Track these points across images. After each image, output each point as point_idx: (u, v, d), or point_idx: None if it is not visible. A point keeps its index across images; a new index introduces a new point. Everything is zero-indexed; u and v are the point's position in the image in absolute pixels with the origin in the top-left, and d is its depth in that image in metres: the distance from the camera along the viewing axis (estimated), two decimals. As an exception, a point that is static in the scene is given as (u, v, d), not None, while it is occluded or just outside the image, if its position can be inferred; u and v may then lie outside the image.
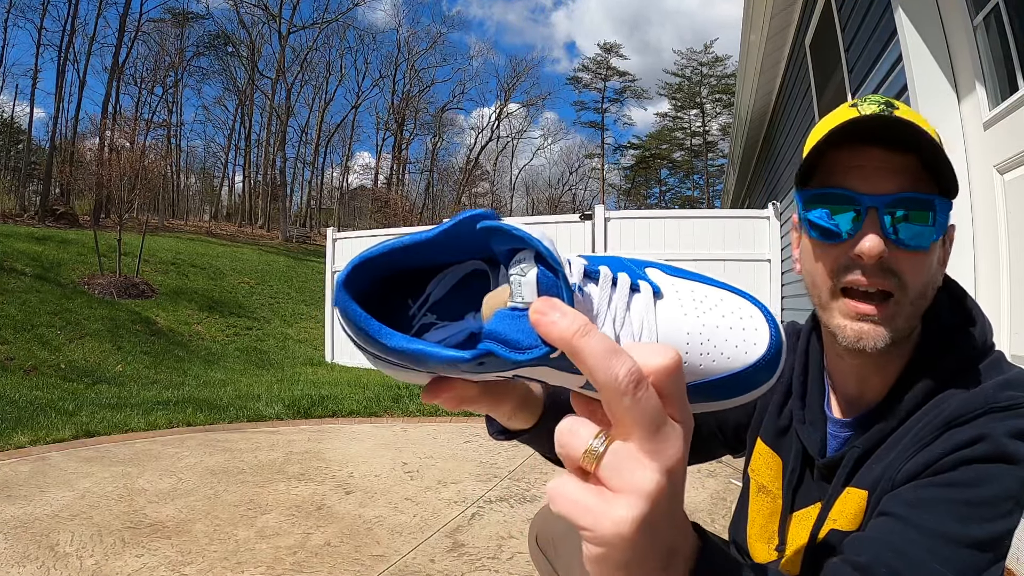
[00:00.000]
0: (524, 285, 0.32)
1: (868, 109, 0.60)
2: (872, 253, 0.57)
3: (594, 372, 0.28)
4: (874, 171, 0.58)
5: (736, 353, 0.36)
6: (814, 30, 3.92)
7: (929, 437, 0.56)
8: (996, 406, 0.55)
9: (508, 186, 41.69)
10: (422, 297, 0.39)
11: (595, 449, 0.29)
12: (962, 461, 0.53)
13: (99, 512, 2.30)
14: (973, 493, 0.51)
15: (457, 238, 0.35)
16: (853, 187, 0.58)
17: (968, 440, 0.54)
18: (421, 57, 36.44)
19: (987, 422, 0.54)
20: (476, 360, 0.32)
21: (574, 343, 0.28)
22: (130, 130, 15.50)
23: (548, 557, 0.90)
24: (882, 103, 0.60)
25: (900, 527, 0.51)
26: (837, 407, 0.70)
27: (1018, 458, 0.52)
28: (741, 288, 0.38)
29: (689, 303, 0.36)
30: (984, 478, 0.52)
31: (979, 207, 1.97)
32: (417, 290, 0.39)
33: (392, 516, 2.34)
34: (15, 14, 24.26)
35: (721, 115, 36.55)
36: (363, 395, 4.76)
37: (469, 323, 0.38)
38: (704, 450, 0.86)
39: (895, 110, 0.59)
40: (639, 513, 0.28)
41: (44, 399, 4.44)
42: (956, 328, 0.63)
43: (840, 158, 0.60)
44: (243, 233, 24.42)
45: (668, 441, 0.29)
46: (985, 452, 0.53)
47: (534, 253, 0.32)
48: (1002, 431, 0.53)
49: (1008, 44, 1.83)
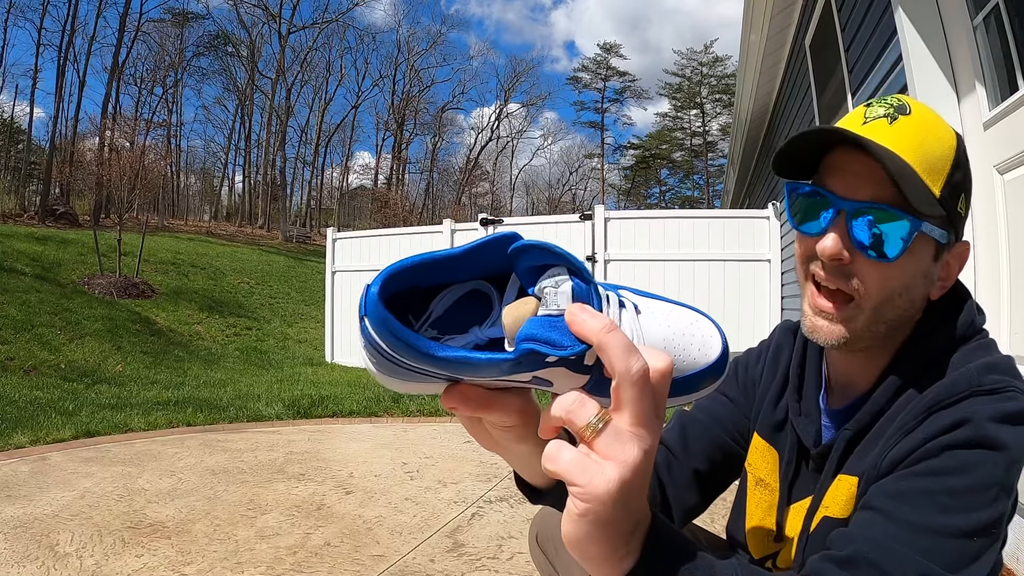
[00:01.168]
0: (559, 295, 0.37)
1: (875, 112, 0.60)
2: (826, 252, 0.59)
3: (613, 362, 0.34)
4: (853, 176, 0.59)
5: (699, 355, 0.44)
6: (814, 30, 3.92)
7: (913, 422, 0.56)
8: (980, 389, 0.54)
9: (508, 186, 41.75)
10: (426, 314, 0.42)
11: (595, 424, 0.35)
12: (944, 447, 0.52)
13: (99, 512, 2.30)
14: (956, 481, 0.51)
15: (480, 257, 0.40)
16: (831, 187, 0.60)
17: (951, 424, 0.53)
18: (421, 57, 36.51)
19: (970, 405, 0.53)
20: (516, 360, 0.36)
21: (602, 338, 0.34)
22: (130, 130, 15.51)
23: (548, 557, 0.90)
24: (892, 107, 0.60)
25: (882, 520, 0.51)
26: (832, 398, 0.71)
27: (1001, 443, 0.51)
28: (690, 304, 0.47)
29: (660, 316, 0.44)
30: (967, 465, 0.51)
31: (979, 207, 1.97)
32: (417, 307, 0.42)
33: (392, 516, 2.34)
34: (15, 14, 24.31)
35: (721, 115, 36.57)
36: (363, 395, 4.76)
37: (475, 334, 0.42)
38: (736, 467, 0.83)
39: (905, 115, 0.59)
40: (625, 477, 0.34)
41: (44, 399, 4.44)
42: (944, 314, 0.63)
43: (831, 158, 0.62)
44: (243, 233, 24.43)
45: (651, 428, 0.35)
46: (968, 437, 0.52)
47: (566, 268, 0.38)
48: (985, 415, 0.52)
49: (1008, 44, 1.83)
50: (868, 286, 0.59)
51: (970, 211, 0.64)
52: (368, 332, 0.37)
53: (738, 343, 3.14)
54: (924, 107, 0.61)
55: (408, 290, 0.40)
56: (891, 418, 0.60)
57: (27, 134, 26.98)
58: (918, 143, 0.58)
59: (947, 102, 2.07)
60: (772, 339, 0.83)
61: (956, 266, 0.64)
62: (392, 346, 0.37)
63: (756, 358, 0.84)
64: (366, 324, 0.37)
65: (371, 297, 0.36)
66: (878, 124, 0.59)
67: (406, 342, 0.36)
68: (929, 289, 0.62)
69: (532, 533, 0.93)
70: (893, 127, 0.58)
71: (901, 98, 0.61)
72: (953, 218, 0.60)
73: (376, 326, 0.36)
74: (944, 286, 0.63)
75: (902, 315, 0.62)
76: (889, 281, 0.59)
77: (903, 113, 0.59)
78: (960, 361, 0.59)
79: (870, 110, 0.61)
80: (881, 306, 0.60)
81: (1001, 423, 0.52)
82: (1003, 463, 0.51)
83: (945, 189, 0.58)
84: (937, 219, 0.58)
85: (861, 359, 0.66)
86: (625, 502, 0.35)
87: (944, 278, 0.63)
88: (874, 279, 0.59)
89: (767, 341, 0.84)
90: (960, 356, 0.60)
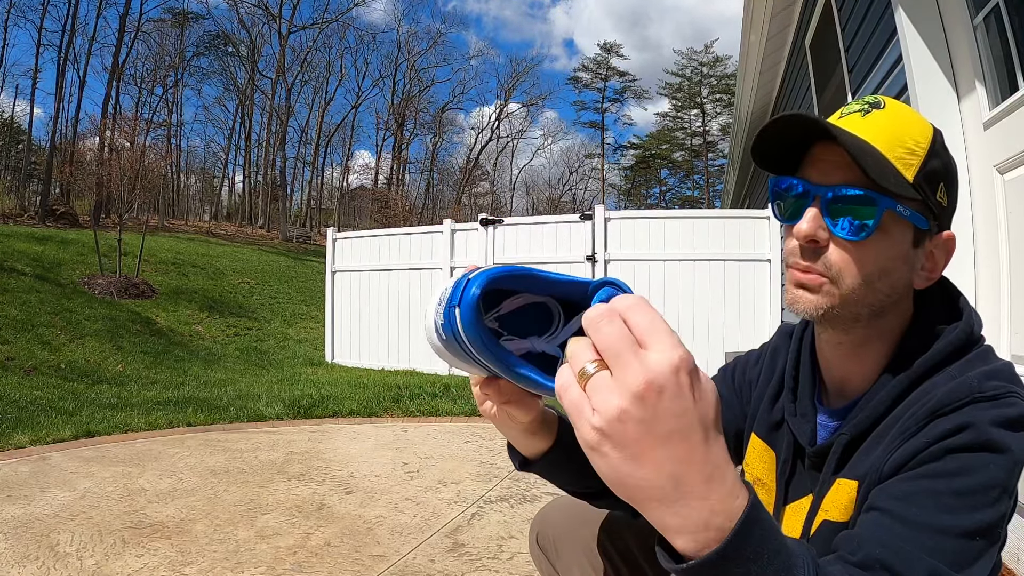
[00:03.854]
0: None
1: (850, 109, 0.64)
2: (801, 233, 0.62)
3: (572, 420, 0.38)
4: (828, 164, 0.62)
5: None
6: (814, 30, 3.92)
7: (914, 428, 0.57)
8: (981, 396, 0.55)
9: (508, 186, 41.73)
10: (496, 309, 0.47)
11: (588, 371, 0.36)
12: (947, 450, 0.53)
13: (99, 512, 2.30)
14: (959, 483, 0.51)
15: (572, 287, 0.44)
16: (808, 178, 0.63)
17: (953, 429, 0.54)
18: (421, 57, 36.49)
19: (972, 411, 0.54)
20: None
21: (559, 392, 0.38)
22: (130, 130, 15.47)
23: (548, 557, 0.90)
24: (867, 103, 0.64)
25: (888, 521, 0.52)
26: (827, 398, 0.72)
27: (1003, 446, 0.52)
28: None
29: None
30: (969, 467, 0.52)
31: (979, 207, 1.97)
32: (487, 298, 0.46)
33: (392, 516, 2.34)
34: (15, 14, 24.31)
35: (721, 115, 36.56)
36: (363, 395, 4.76)
37: (533, 343, 0.47)
38: None
39: (879, 109, 0.62)
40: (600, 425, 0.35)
41: (44, 399, 4.44)
42: (942, 321, 0.64)
43: (810, 153, 0.65)
44: (243, 233, 24.43)
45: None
46: (970, 441, 0.53)
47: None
48: (987, 420, 0.53)
49: (1008, 44, 1.83)
50: (842, 266, 0.61)
51: (957, 205, 0.65)
52: (454, 323, 0.42)
53: (738, 343, 3.16)
54: (900, 104, 0.64)
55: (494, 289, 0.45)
56: (891, 424, 0.61)
57: (27, 134, 26.98)
58: (890, 132, 0.61)
59: (947, 102, 2.07)
60: (771, 342, 0.84)
61: (942, 257, 0.65)
62: (476, 347, 0.42)
63: (755, 360, 0.85)
64: (455, 314, 0.41)
65: (470, 298, 0.41)
66: (851, 118, 0.63)
67: (492, 351, 0.42)
68: (911, 277, 0.64)
69: (532, 533, 0.93)
70: (865, 119, 0.62)
71: (879, 97, 0.64)
72: (931, 205, 0.61)
73: (467, 325, 0.41)
74: (930, 277, 0.65)
75: (884, 300, 0.63)
76: (864, 262, 0.61)
77: (877, 108, 0.63)
78: (960, 370, 0.60)
79: (847, 108, 0.65)
80: (859, 287, 0.61)
81: (1003, 428, 0.53)
82: (1005, 465, 0.52)
83: (920, 175, 0.60)
84: (911, 202, 0.60)
85: (852, 354, 0.66)
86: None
87: (929, 268, 0.64)
88: (848, 260, 0.61)
89: (767, 344, 0.85)
90: (960, 366, 0.60)
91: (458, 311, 0.41)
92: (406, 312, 6.89)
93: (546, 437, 0.65)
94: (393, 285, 7.03)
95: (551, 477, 0.71)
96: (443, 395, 4.86)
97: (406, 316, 6.89)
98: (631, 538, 0.85)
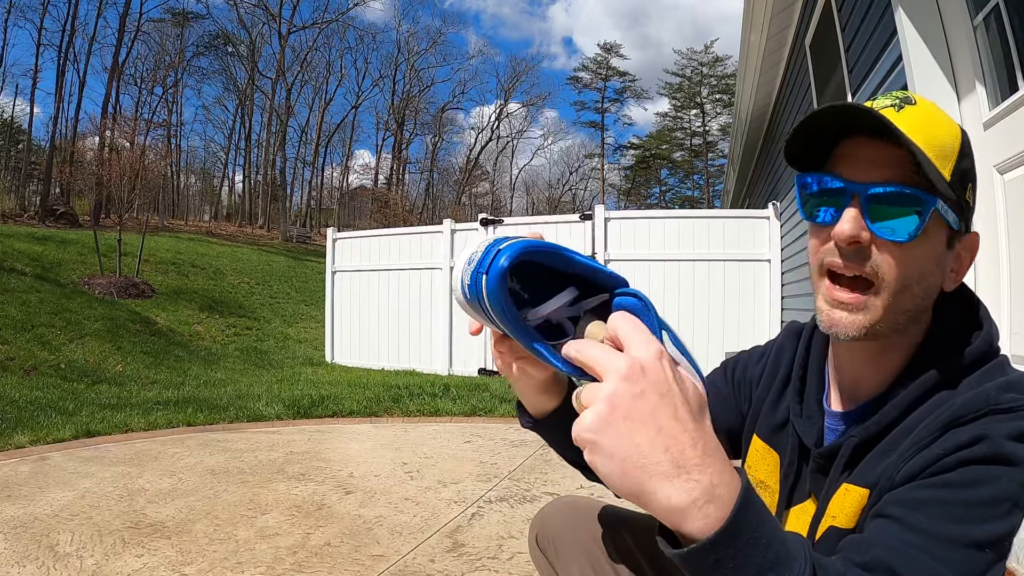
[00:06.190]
0: None
1: (882, 103, 0.61)
2: (843, 235, 0.58)
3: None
4: (864, 161, 0.59)
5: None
6: (814, 30, 3.92)
7: (929, 438, 0.56)
8: (997, 408, 0.54)
9: (508, 186, 41.74)
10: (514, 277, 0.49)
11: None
12: (961, 462, 0.53)
13: (99, 512, 2.30)
14: (971, 494, 0.51)
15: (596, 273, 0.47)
16: (842, 174, 0.60)
17: (968, 441, 0.53)
18: (421, 57, 36.48)
19: (987, 423, 0.54)
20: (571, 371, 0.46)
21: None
22: (130, 130, 15.49)
23: (548, 557, 0.90)
24: (898, 98, 0.61)
25: (898, 528, 0.51)
26: (836, 401, 0.71)
27: (1017, 460, 0.52)
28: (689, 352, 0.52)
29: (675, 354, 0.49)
30: (982, 479, 0.52)
31: (979, 207, 1.97)
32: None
33: (392, 516, 2.34)
34: (15, 14, 24.29)
35: (721, 115, 36.55)
36: (363, 395, 4.76)
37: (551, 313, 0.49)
38: None
39: (911, 105, 0.60)
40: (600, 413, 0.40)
41: (44, 399, 4.44)
42: (962, 330, 0.63)
43: (840, 148, 0.62)
44: (243, 233, 24.43)
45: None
46: (984, 453, 0.52)
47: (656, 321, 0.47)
48: (1002, 433, 0.53)
49: (1008, 44, 1.83)
50: (886, 268, 0.59)
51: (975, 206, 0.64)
52: (479, 287, 0.44)
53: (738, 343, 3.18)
54: (929, 101, 0.62)
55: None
56: (904, 432, 0.60)
57: (27, 134, 26.99)
58: (927, 129, 0.58)
59: (947, 102, 2.07)
60: (776, 340, 0.82)
61: (967, 257, 0.64)
62: (497, 314, 0.44)
63: (757, 358, 0.83)
64: (481, 280, 0.44)
65: (498, 269, 0.43)
66: (886, 112, 0.59)
67: (512, 322, 0.45)
68: (942, 280, 0.62)
69: (532, 533, 0.93)
70: (901, 114, 0.59)
71: (906, 92, 0.62)
72: (962, 205, 0.60)
73: (491, 293, 0.43)
74: (957, 278, 0.63)
75: (920, 304, 0.61)
76: (906, 264, 0.59)
77: (908, 103, 0.60)
78: (977, 381, 0.59)
79: (876, 102, 0.61)
80: (900, 292, 0.59)
81: (1018, 441, 0.52)
82: (1018, 479, 0.52)
83: (954, 175, 0.59)
84: (950, 201, 0.59)
85: (870, 359, 0.65)
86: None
87: (956, 269, 0.63)
88: (892, 261, 0.58)
89: (771, 342, 0.83)
90: (977, 376, 0.59)
91: (484, 279, 0.43)
92: (406, 312, 6.89)
93: (556, 396, 0.68)
94: (393, 285, 7.03)
95: (555, 439, 0.73)
96: (443, 395, 4.86)
97: (406, 316, 6.89)
98: (631, 538, 0.85)
